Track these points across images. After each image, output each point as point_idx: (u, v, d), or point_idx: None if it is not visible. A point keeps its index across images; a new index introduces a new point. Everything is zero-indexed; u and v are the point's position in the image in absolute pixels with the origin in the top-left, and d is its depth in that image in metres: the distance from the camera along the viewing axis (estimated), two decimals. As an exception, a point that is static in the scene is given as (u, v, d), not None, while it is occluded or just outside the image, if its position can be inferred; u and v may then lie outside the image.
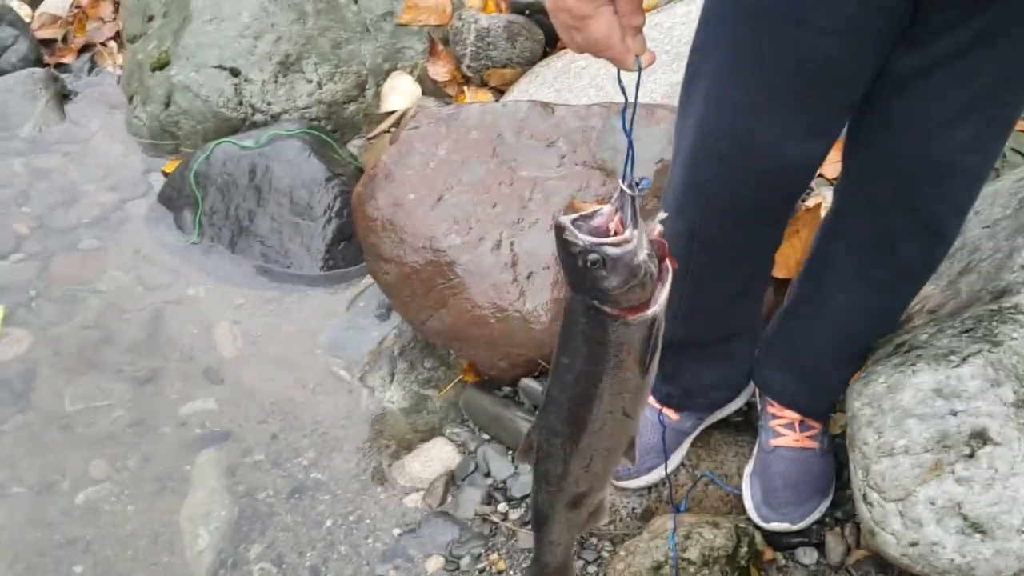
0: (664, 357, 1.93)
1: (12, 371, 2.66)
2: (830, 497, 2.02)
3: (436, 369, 2.59)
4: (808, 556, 1.99)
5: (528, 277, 2.27)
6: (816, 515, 1.98)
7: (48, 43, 3.84)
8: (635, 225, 1.07)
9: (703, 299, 1.80)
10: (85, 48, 3.83)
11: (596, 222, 1.09)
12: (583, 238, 1.07)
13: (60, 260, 3.02)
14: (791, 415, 1.98)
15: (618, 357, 1.19)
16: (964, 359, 1.54)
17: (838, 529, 2.01)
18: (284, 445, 2.49)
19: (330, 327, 2.79)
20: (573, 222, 1.09)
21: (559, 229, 1.10)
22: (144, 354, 2.73)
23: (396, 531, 2.27)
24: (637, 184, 1.06)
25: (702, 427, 2.11)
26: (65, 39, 3.84)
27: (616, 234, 1.08)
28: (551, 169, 2.37)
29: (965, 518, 1.48)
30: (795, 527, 1.95)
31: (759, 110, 1.50)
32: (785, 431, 1.99)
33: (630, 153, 1.13)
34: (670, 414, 2.04)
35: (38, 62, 3.70)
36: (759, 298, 1.91)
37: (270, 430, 2.53)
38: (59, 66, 3.76)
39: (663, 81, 2.95)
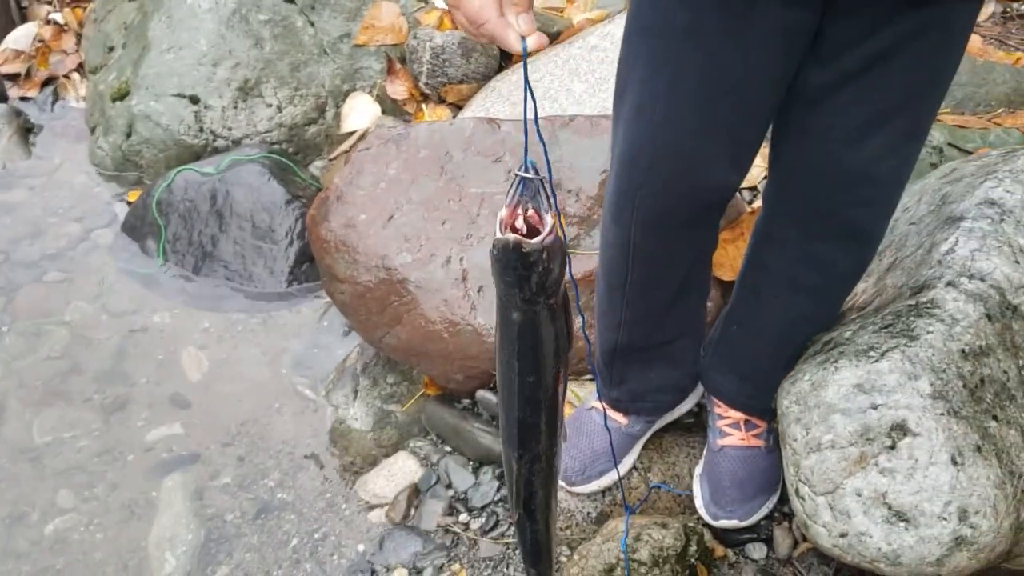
0: (611, 363, 2.00)
1: (-21, 405, 2.70)
2: (777, 493, 2.06)
3: (399, 384, 2.63)
4: (757, 551, 2.03)
5: (479, 291, 2.31)
6: (764, 511, 2.02)
7: (12, 77, 3.88)
8: (549, 207, 1.09)
9: (642, 306, 1.85)
10: (48, 81, 3.87)
11: (518, 224, 1.09)
12: (531, 242, 1.06)
13: (25, 293, 3.05)
14: (736, 415, 2.02)
15: (565, 344, 1.21)
16: (883, 354, 1.58)
17: (785, 524, 2.05)
18: (251, 467, 2.53)
19: (295, 347, 2.83)
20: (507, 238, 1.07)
21: (502, 251, 1.08)
22: (110, 383, 2.77)
23: (360, 547, 2.31)
24: (533, 166, 1.09)
25: (652, 430, 2.15)
26: (28, 73, 3.88)
27: (533, 225, 1.09)
28: (498, 184, 2.41)
29: (890, 507, 1.52)
30: (743, 524, 2.00)
31: (677, 123, 1.54)
32: (731, 431, 2.03)
33: (525, 139, 1.16)
34: (619, 418, 2.08)
35: (2, 98, 3.74)
36: (699, 301, 1.95)
37: (236, 452, 2.57)
38: (23, 99, 3.80)
39: (609, 92, 3.00)
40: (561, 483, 2.09)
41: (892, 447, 1.53)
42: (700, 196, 1.65)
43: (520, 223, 1.09)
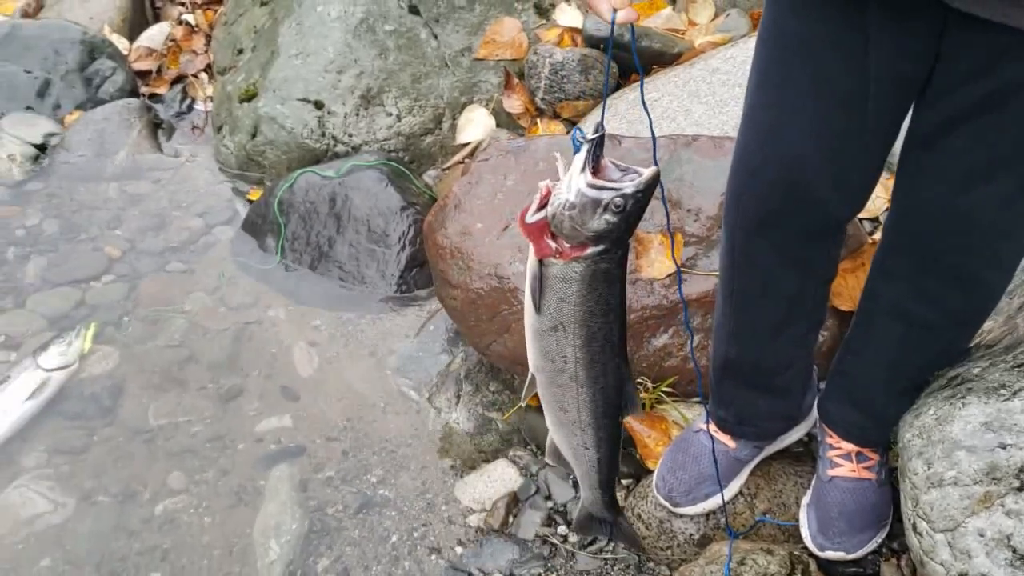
0: (721, 380, 1.99)
1: (101, 386, 2.81)
2: (887, 528, 2.02)
3: (500, 392, 2.66)
4: (863, 587, 1.99)
5: (591, 305, 2.32)
6: (871, 545, 1.99)
7: (143, 74, 4.05)
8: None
9: (748, 321, 1.85)
10: (178, 79, 4.03)
11: (604, 174, 1.25)
12: (627, 184, 1.23)
13: (148, 282, 3.17)
14: (848, 446, 2.00)
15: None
16: (1015, 393, 1.55)
17: (894, 560, 2.01)
18: (354, 462, 2.58)
19: (401, 349, 2.89)
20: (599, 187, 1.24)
21: (649, 184, 1.24)
22: (225, 372, 2.86)
23: (459, 549, 2.34)
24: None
25: (761, 456, 2.13)
26: (159, 71, 4.05)
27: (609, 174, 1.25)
28: (616, 200, 2.42)
29: (1015, 551, 1.48)
30: (850, 556, 1.96)
31: (784, 129, 1.57)
32: (842, 461, 2.00)
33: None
34: (727, 441, 2.07)
35: (133, 92, 3.91)
36: (810, 330, 1.93)
37: (341, 447, 2.63)
38: (153, 96, 3.96)
39: (734, 114, 2.99)
40: (665, 503, 2.09)
41: (1021, 488, 1.49)
42: (803, 210, 1.65)
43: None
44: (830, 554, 1.96)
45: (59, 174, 3.60)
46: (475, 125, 3.47)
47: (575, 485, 2.38)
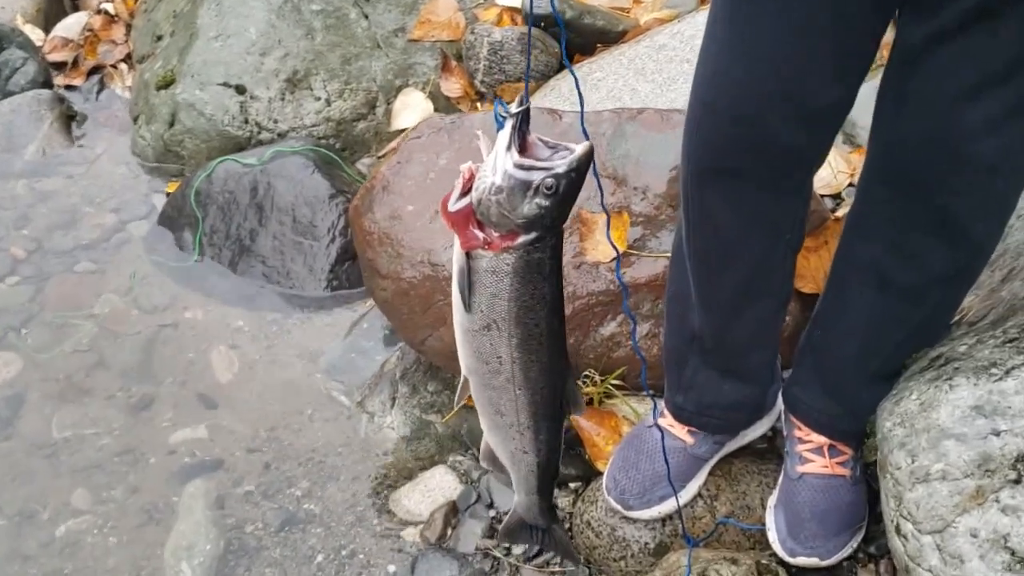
0: (681, 361, 1.79)
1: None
2: (862, 531, 1.83)
3: (439, 393, 2.43)
4: (839, 596, 1.79)
5: (532, 292, 2.11)
6: (847, 550, 1.79)
7: (59, 66, 3.77)
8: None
9: (710, 291, 1.67)
10: (95, 70, 3.76)
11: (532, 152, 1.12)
12: (558, 163, 1.10)
13: (56, 283, 2.91)
14: (819, 439, 1.80)
15: None
16: (1008, 371, 1.35)
17: (872, 566, 1.81)
18: (277, 475, 2.35)
19: (331, 350, 2.65)
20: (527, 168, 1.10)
21: (584, 161, 1.10)
22: (136, 380, 2.61)
23: (391, 567, 2.11)
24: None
25: (721, 453, 1.93)
26: (76, 62, 3.77)
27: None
28: (558, 178, 2.21)
29: (1013, 553, 1.29)
30: (824, 563, 1.76)
31: (740, 51, 1.41)
32: (813, 457, 1.80)
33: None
34: (683, 436, 1.86)
35: (47, 84, 3.63)
36: (776, 309, 1.74)
37: (263, 459, 2.39)
38: (69, 88, 3.69)
39: (683, 91, 2.80)
40: (616, 506, 1.88)
41: (1017, 481, 1.30)
42: (759, 150, 1.47)
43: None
44: (802, 560, 1.76)
45: (-39, 172, 3.32)
46: (411, 110, 3.25)
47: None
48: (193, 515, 2.25)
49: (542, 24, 3.22)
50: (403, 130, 3.22)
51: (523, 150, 1.12)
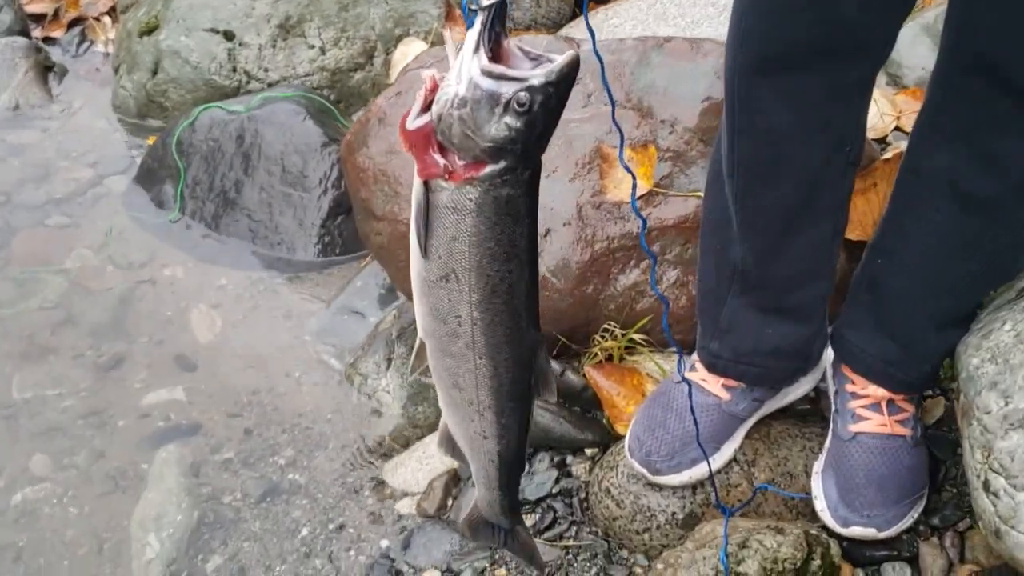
0: (719, 302, 1.55)
1: (-46, 354, 2.32)
2: (924, 500, 1.60)
3: (440, 354, 2.20)
4: (899, 573, 1.55)
5: (545, 235, 1.88)
6: (908, 521, 1.56)
7: (38, 18, 3.55)
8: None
9: (755, 209, 1.44)
10: (76, 22, 3.53)
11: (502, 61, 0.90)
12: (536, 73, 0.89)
13: (24, 237, 2.69)
14: (876, 392, 1.56)
15: None
16: None
17: (935, 539, 1.58)
18: (259, 442, 2.12)
19: (322, 311, 2.42)
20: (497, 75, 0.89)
21: (568, 71, 0.89)
22: (107, 338, 2.39)
23: (384, 542, 1.89)
24: None
25: (761, 413, 1.70)
26: (56, 14, 3.55)
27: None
28: (575, 110, 1.99)
29: None
30: (882, 535, 1.53)
31: None
32: (869, 414, 1.57)
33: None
34: (718, 391, 1.63)
35: (23, 35, 3.40)
36: (833, 233, 1.50)
37: (244, 425, 2.16)
38: (47, 40, 3.46)
39: (709, 34, 2.57)
40: (642, 470, 1.64)
41: None
42: (824, 39, 1.25)
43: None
44: (856, 531, 1.53)
45: (-74, 121, 3.10)
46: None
47: (528, 459, 1.93)
48: (164, 482, 2.02)
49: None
50: (403, 83, 2.99)
51: (497, 59, 0.90)
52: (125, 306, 2.47)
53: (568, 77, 0.89)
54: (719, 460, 1.65)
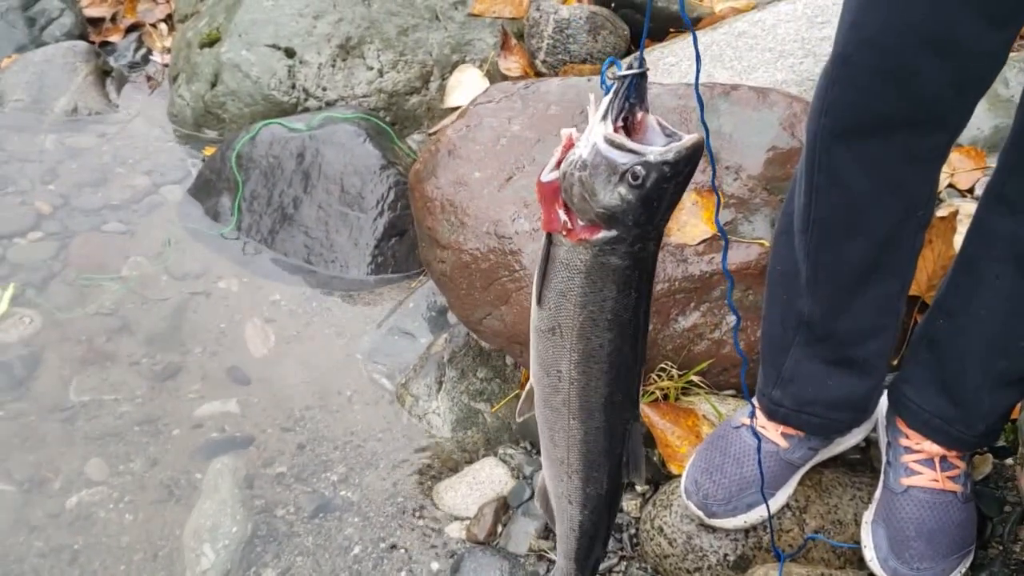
0: (783, 351, 1.59)
1: (14, 354, 2.37)
2: (971, 556, 1.63)
3: (490, 381, 2.24)
4: (947, 628, 1.59)
5: (608, 273, 1.93)
6: (956, 575, 1.59)
7: (96, 22, 3.62)
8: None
9: (829, 262, 1.48)
10: (133, 28, 3.60)
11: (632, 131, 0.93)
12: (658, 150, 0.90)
13: (81, 242, 2.74)
14: (930, 448, 1.60)
15: None
16: None
17: (985, 596, 1.62)
18: (311, 457, 2.16)
19: (374, 330, 2.47)
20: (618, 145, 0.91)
21: (688, 156, 0.90)
22: (163, 348, 2.43)
23: (435, 565, 1.92)
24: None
25: (815, 460, 1.74)
26: (114, 18, 3.62)
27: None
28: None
29: None
30: (933, 588, 1.57)
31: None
32: (921, 468, 1.61)
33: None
34: (777, 439, 1.67)
35: (82, 38, 3.47)
36: (900, 289, 1.55)
37: (297, 439, 2.21)
38: (104, 45, 3.53)
39: (764, 80, 2.62)
40: (699, 512, 1.68)
41: None
42: (907, 108, 1.30)
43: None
44: (907, 583, 1.57)
45: (-11, 120, 3.16)
46: (466, 88, 3.07)
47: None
48: (218, 494, 2.06)
49: (612, 4, 3.05)
50: (456, 108, 3.05)
51: (632, 130, 0.92)
52: (180, 316, 2.52)
53: (689, 159, 0.90)
54: (774, 506, 1.69)
